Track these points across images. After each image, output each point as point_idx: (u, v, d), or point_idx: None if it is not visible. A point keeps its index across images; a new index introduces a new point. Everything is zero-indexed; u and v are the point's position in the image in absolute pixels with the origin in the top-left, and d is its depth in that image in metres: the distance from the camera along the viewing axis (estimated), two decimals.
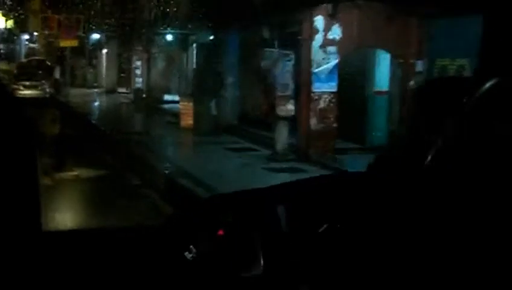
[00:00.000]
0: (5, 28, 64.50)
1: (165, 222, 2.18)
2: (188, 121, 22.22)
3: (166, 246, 2.11)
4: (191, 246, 2.01)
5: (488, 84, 1.41)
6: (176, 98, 36.15)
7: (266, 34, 21.34)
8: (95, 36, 46.97)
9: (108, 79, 44.04)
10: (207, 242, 2.03)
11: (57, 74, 44.13)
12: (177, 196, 13.22)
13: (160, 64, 36.13)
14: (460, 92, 1.46)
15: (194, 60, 34.75)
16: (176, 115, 28.47)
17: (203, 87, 23.77)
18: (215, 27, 23.14)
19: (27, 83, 36.18)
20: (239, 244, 1.99)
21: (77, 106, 32.98)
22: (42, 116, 26.99)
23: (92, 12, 45.31)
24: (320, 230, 1.88)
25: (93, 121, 26.51)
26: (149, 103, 34.62)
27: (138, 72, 40.87)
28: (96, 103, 36.89)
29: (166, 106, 33.91)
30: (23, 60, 57.59)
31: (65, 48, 52.19)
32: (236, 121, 22.50)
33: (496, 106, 1.38)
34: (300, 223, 1.97)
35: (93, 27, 44.89)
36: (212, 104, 21.67)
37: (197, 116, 21.87)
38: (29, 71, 40.41)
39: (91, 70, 48.65)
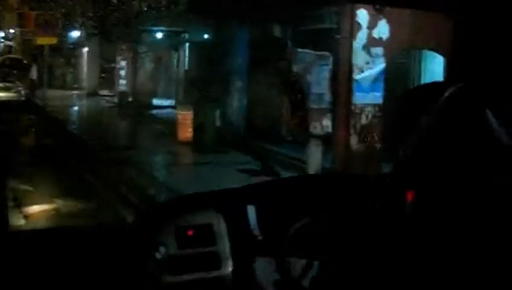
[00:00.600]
0: None
1: (134, 222, 2.27)
2: (186, 133, 18.82)
3: (135, 245, 2.15)
4: (161, 246, 2.08)
5: (451, 90, 1.64)
6: (165, 102, 32.77)
7: (287, 30, 18.01)
8: (75, 34, 43.32)
9: (89, 80, 40.48)
10: (177, 242, 2.11)
11: (33, 74, 40.47)
12: None
13: (147, 65, 32.69)
14: (434, 97, 1.69)
15: (187, 61, 31.40)
16: (168, 123, 25.05)
17: (204, 92, 20.37)
18: (217, 22, 19.73)
19: (0, 85, 32.60)
20: (209, 244, 2.10)
21: (56, 110, 29.43)
22: (15, 124, 23.51)
23: (72, 7, 41.75)
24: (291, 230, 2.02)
25: (74, 131, 23.00)
26: (136, 107, 31.15)
27: (122, 73, 37.39)
28: (77, 108, 33.32)
29: (154, 111, 30.50)
30: None
31: (43, 46, 49.00)
32: (243, 134, 19.13)
33: (459, 107, 1.62)
34: (270, 223, 2.10)
35: (73, 23, 41.27)
36: (217, 113, 18.28)
37: (198, 127, 18.46)
38: (3, 71, 36.81)
39: (71, 70, 45.05)
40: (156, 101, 32.56)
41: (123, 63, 37.52)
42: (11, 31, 58.51)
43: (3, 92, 32.33)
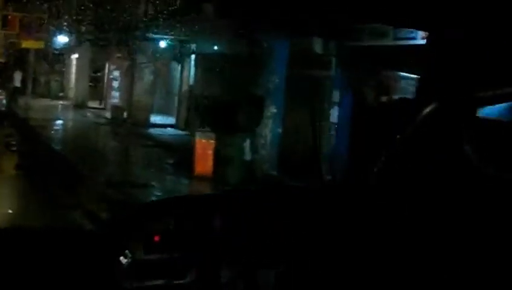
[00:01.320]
0: None
1: (100, 226, 2.72)
2: (206, 166, 15.14)
3: (101, 250, 2.15)
4: (127, 251, 2.10)
5: (427, 110, 1.79)
6: (164, 120, 29.09)
7: (330, 44, 14.56)
8: (62, 39, 39.47)
9: (77, 90, 36.66)
10: (143, 248, 2.15)
11: (16, 81, 36.62)
12: None
13: (146, 77, 28.97)
14: (407, 113, 1.85)
15: (191, 75, 27.75)
16: (173, 148, 21.37)
17: (218, 115, 16.80)
18: (248, 30, 16.08)
19: None
20: (175, 250, 2.14)
21: (40, 125, 25.64)
22: None
23: (60, 10, 37.99)
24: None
25: (62, 152, 19.20)
26: (131, 125, 27.41)
27: (115, 84, 33.72)
28: (64, 122, 29.42)
29: (153, 130, 26.77)
30: None
31: (28, 50, 45.24)
32: (276, 171, 15.46)
33: (431, 130, 1.79)
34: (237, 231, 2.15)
35: (62, 27, 37.47)
36: (247, 144, 14.62)
37: (221, 160, 14.80)
38: None
39: (57, 78, 41.16)
40: (153, 118, 28.83)
41: (116, 73, 33.90)
42: None
43: None
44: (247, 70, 16.55)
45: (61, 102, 37.48)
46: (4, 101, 29.22)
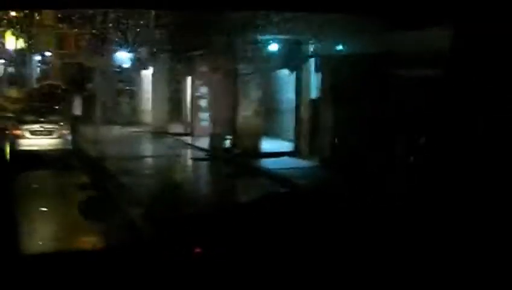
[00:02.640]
0: (16, 49, 52.50)
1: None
2: None
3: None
4: None
5: None
6: (278, 145, 22.11)
7: None
8: (125, 54, 32.86)
9: (154, 114, 29.79)
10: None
11: (76, 109, 29.94)
12: None
13: (252, 92, 21.91)
14: None
15: (311, 85, 20.69)
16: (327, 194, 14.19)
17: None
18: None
19: (36, 127, 22.01)
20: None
21: (121, 169, 18.92)
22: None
23: (126, 18, 31.27)
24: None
25: (177, 223, 12.02)
26: (240, 157, 20.52)
27: (203, 103, 26.82)
28: (150, 160, 22.22)
29: (270, 162, 19.77)
30: (35, 86, 45.53)
31: (87, 70, 38.97)
32: None
33: None
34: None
35: (130, 39, 30.84)
36: None
37: None
38: (41, 105, 26.32)
39: (126, 100, 34.40)
40: (266, 145, 21.85)
41: (204, 90, 26.98)
42: (48, 53, 49.44)
43: (41, 139, 21.78)
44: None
45: (134, 129, 30.73)
46: (69, 137, 22.47)
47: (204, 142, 24.54)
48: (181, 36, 26.39)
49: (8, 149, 21.81)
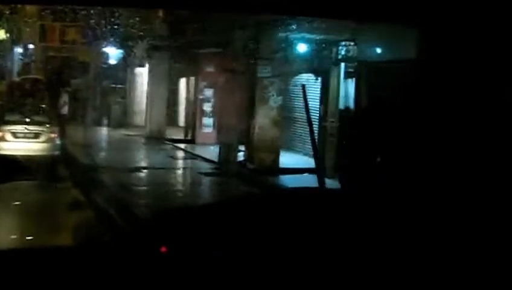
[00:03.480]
0: None
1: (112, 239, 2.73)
2: None
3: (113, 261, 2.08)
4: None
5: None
6: (296, 160, 19.31)
7: None
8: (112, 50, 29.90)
9: (151, 116, 26.78)
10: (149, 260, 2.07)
11: (63, 106, 26.89)
12: None
13: (271, 98, 19.06)
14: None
15: (340, 93, 17.95)
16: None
17: None
18: None
19: (20, 129, 19.00)
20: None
21: (120, 182, 15.99)
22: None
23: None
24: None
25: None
26: (256, 173, 17.66)
27: (208, 108, 23.97)
28: (153, 174, 19.06)
29: (290, 180, 16.97)
30: (15, 79, 42.43)
31: (72, 66, 35.92)
32: None
33: None
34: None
35: (124, 33, 27.84)
36: None
37: None
38: (25, 102, 23.33)
39: (119, 99, 31.35)
40: (285, 160, 19.03)
41: (209, 93, 24.12)
42: (31, 46, 46.42)
43: (26, 141, 18.77)
44: None
45: (127, 132, 27.71)
46: (58, 141, 19.48)
47: (207, 152, 21.71)
48: (185, 30, 23.56)
49: None
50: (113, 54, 30.73)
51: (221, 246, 2.06)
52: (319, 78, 19.03)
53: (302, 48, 17.76)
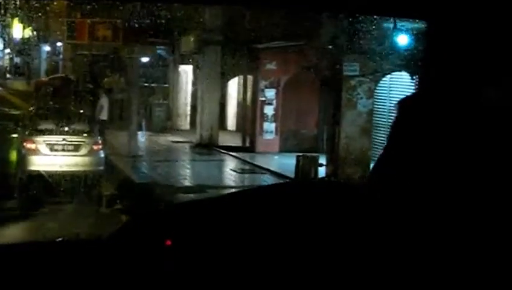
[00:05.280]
0: (23, 38, 46.87)
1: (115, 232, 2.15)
2: None
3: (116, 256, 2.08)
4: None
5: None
6: None
7: None
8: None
9: (203, 119, 23.46)
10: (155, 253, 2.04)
11: (102, 111, 23.77)
12: None
13: (361, 102, 15.72)
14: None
15: None
16: None
17: None
18: None
19: (57, 139, 15.86)
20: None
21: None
22: None
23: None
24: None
25: None
26: None
27: (270, 111, 20.75)
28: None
29: None
30: (43, 78, 40.01)
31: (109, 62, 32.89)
32: None
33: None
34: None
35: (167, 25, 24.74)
36: None
37: None
38: (58, 106, 20.25)
39: (160, 101, 28.14)
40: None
41: (270, 94, 20.88)
42: (59, 43, 43.52)
43: (66, 155, 15.59)
44: None
45: (173, 138, 24.51)
46: (102, 154, 16.26)
47: (273, 163, 18.49)
48: (242, 21, 20.36)
49: (18, 170, 15.79)
50: (152, 50, 27.72)
51: (227, 241, 1.91)
52: (415, 78, 15.65)
53: (402, 40, 14.36)
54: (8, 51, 51.44)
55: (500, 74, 1.82)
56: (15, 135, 18.58)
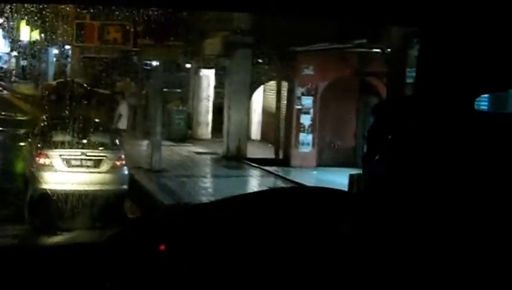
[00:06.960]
0: (30, 41, 46.23)
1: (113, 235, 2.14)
2: None
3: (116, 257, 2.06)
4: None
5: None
6: None
7: None
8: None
9: (230, 129, 21.37)
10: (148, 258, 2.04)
11: (120, 121, 21.89)
12: None
13: None
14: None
15: None
16: None
17: None
18: None
19: (74, 154, 13.84)
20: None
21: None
22: None
23: None
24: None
25: None
26: None
27: (306, 121, 18.76)
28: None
29: None
30: (50, 82, 38.66)
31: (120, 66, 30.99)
32: None
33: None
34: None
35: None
36: None
37: None
38: (74, 114, 18.15)
39: (180, 107, 26.11)
40: None
41: (308, 101, 18.89)
42: (68, 46, 41.46)
43: (85, 172, 13.58)
44: None
45: (195, 149, 22.51)
46: (126, 170, 14.23)
47: (313, 180, 16.51)
48: (276, 23, 18.34)
49: (29, 187, 13.81)
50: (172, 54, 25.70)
51: (223, 246, 1.95)
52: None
53: None
54: (14, 53, 50.32)
55: (492, 78, 1.81)
56: (22, 144, 16.80)
